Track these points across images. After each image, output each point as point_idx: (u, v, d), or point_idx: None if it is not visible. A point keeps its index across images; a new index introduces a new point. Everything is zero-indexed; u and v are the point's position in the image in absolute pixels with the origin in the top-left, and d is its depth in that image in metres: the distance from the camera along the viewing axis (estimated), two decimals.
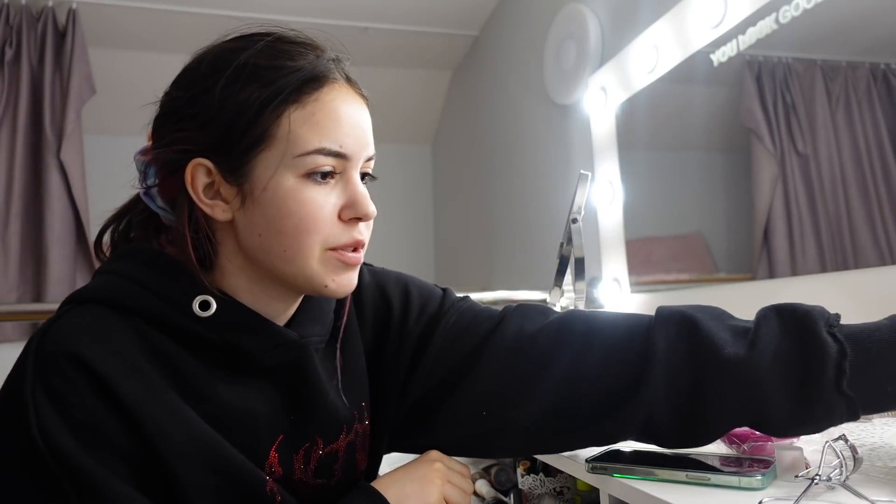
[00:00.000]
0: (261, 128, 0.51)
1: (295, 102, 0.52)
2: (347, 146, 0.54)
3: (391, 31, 2.83)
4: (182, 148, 0.53)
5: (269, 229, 0.53)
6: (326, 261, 0.54)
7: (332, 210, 0.54)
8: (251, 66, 0.53)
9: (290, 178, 0.52)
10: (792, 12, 1.17)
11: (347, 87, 0.56)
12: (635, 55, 1.64)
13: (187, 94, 0.54)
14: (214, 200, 0.54)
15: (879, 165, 1.06)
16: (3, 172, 2.32)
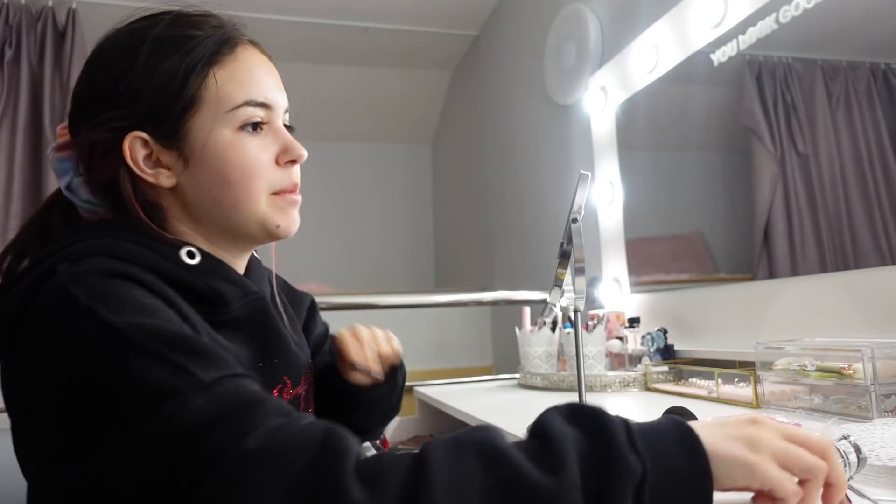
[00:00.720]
0: (190, 91, 0.55)
1: (216, 64, 0.57)
2: (270, 98, 0.59)
3: (391, 31, 2.83)
4: (114, 126, 0.55)
5: (218, 182, 0.57)
6: (273, 203, 0.60)
7: (270, 157, 0.59)
8: (166, 38, 0.56)
9: (226, 132, 0.56)
10: (792, 12, 1.17)
11: (255, 48, 0.61)
12: (635, 55, 1.64)
13: (108, 76, 0.56)
14: (156, 169, 0.56)
15: (880, 165, 1.06)
16: (2, 172, 2.32)
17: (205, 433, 0.38)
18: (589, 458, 0.38)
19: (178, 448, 0.38)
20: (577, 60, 1.97)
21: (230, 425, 0.39)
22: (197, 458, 0.38)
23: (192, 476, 0.38)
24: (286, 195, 0.60)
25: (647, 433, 0.40)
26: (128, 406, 0.40)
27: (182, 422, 0.39)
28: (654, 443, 0.40)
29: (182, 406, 0.40)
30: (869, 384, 0.85)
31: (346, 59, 3.06)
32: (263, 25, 2.96)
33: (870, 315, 1.03)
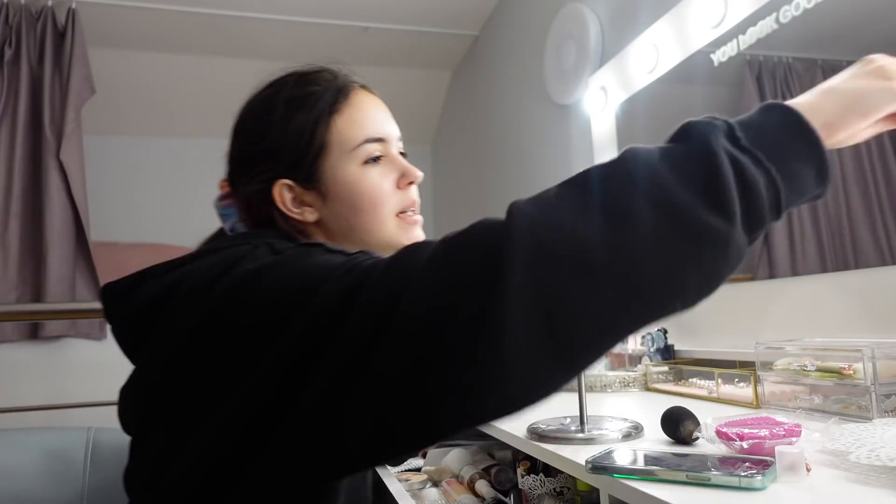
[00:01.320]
0: (318, 140, 0.65)
1: (335, 112, 0.67)
2: (383, 132, 0.69)
3: (391, 31, 2.83)
4: (264, 178, 0.66)
5: (351, 211, 0.67)
6: (399, 224, 0.69)
7: (391, 182, 0.68)
8: (292, 99, 0.67)
9: (352, 167, 0.66)
10: (792, 12, 1.17)
11: (364, 90, 0.71)
12: (635, 55, 1.64)
13: (251, 139, 0.68)
14: (302, 208, 0.67)
15: (880, 165, 1.06)
16: (2, 172, 2.32)
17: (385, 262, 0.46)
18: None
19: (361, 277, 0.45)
20: (577, 60, 1.97)
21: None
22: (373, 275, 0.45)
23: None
24: (409, 215, 0.70)
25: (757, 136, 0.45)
26: (328, 268, 0.47)
27: (369, 261, 0.47)
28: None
29: (366, 258, 0.48)
30: (869, 384, 0.85)
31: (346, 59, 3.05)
32: (263, 25, 2.97)
33: (870, 315, 1.03)
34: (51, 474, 0.79)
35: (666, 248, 0.40)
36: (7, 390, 2.19)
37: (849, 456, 0.63)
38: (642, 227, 0.40)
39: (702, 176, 0.42)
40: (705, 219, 0.40)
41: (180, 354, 0.52)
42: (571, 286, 0.39)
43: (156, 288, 0.57)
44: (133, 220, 3.20)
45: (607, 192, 0.42)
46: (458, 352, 0.39)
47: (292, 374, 0.44)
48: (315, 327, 0.44)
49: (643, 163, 0.43)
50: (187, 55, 2.92)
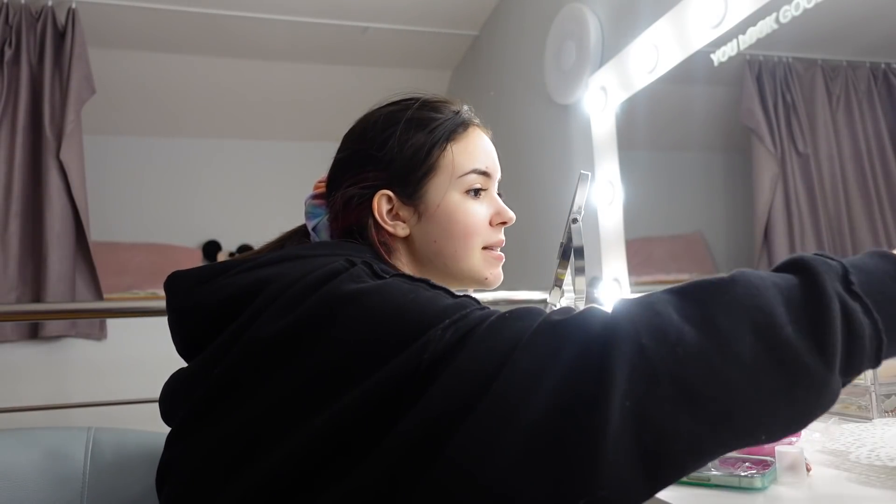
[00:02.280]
0: (431, 161, 0.68)
1: (452, 140, 0.70)
2: (490, 168, 0.72)
3: (391, 31, 2.83)
4: (369, 184, 0.68)
5: (444, 236, 0.69)
6: (484, 258, 0.71)
7: (486, 217, 0.71)
8: (415, 119, 0.70)
9: (456, 195, 0.69)
10: (792, 12, 1.17)
11: (482, 129, 0.74)
12: (635, 55, 1.64)
13: (370, 146, 0.69)
14: (395, 221, 0.69)
15: (880, 165, 1.06)
16: (2, 172, 2.31)
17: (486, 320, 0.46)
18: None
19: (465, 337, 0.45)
20: (577, 60, 1.97)
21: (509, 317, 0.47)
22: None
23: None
24: (494, 251, 0.72)
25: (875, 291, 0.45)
26: (432, 314, 0.48)
27: (475, 317, 0.47)
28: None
29: (469, 313, 0.48)
30: (869, 384, 0.85)
31: (346, 59, 3.05)
32: (263, 25, 2.96)
33: None
34: (51, 474, 0.79)
35: (764, 381, 0.40)
36: (7, 390, 2.19)
37: (849, 456, 0.63)
38: (744, 357, 0.40)
39: (811, 316, 0.42)
40: (806, 360, 0.41)
41: (259, 356, 0.52)
42: (667, 408, 0.39)
43: (242, 282, 0.57)
44: (133, 220, 3.20)
45: (715, 314, 0.42)
46: (550, 448, 0.40)
47: (378, 415, 0.45)
48: (415, 372, 0.45)
49: (754, 289, 0.43)
50: (187, 55, 2.92)
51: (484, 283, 0.73)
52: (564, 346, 0.43)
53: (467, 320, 0.47)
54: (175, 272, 0.62)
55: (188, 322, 0.60)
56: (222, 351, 0.54)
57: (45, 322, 2.29)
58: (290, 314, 0.51)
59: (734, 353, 0.40)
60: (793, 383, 0.40)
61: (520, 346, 0.43)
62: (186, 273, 0.61)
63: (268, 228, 0.79)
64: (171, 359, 0.64)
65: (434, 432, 0.42)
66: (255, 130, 3.46)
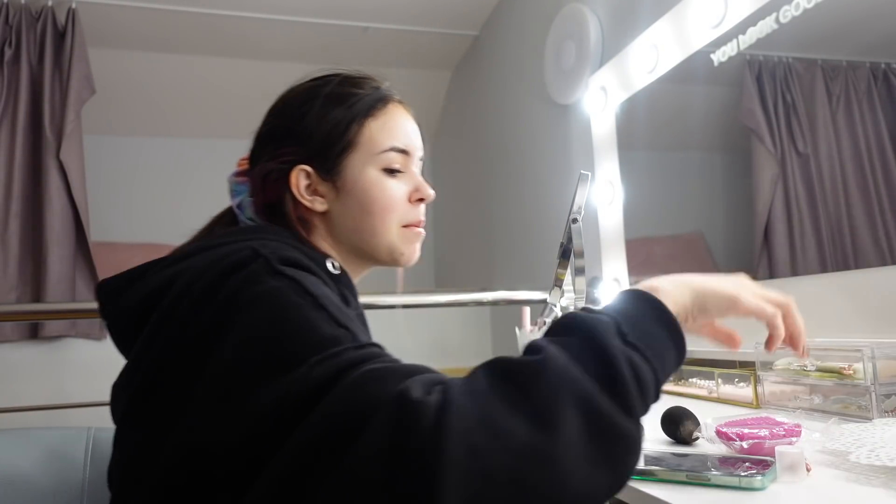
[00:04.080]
0: (349, 136, 0.69)
1: (371, 116, 0.70)
2: (409, 145, 0.72)
3: (391, 31, 2.83)
4: (287, 159, 0.68)
5: (361, 212, 0.69)
6: (402, 235, 0.72)
7: (404, 195, 0.71)
8: (335, 94, 0.70)
9: (373, 171, 0.69)
10: (792, 12, 1.17)
11: (402, 106, 0.74)
12: (635, 55, 1.64)
13: (286, 121, 0.71)
14: (314, 196, 0.69)
15: (880, 165, 1.06)
16: (2, 172, 2.32)
17: (356, 368, 0.45)
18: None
19: (328, 382, 0.44)
20: (577, 60, 1.97)
21: (377, 363, 0.46)
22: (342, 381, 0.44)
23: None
24: (413, 228, 0.72)
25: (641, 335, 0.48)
26: (300, 345, 0.47)
27: (336, 364, 0.45)
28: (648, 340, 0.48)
29: (340, 353, 0.46)
30: (869, 384, 0.85)
31: (346, 59, 3.05)
32: (263, 25, 2.96)
33: (870, 315, 1.03)
34: (51, 474, 0.79)
35: (591, 454, 0.40)
36: (7, 390, 2.19)
37: (849, 456, 0.63)
38: (572, 438, 0.40)
39: (609, 381, 0.43)
40: (622, 425, 0.42)
41: (164, 355, 0.53)
42: (499, 497, 0.38)
43: (154, 283, 0.58)
44: (133, 220, 3.20)
45: (538, 398, 0.41)
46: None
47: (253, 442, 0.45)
48: (276, 411, 0.44)
49: (563, 367, 0.43)
50: (187, 55, 2.92)
51: (400, 260, 0.73)
52: (402, 445, 0.39)
53: (332, 363, 0.45)
54: (100, 282, 0.63)
55: (116, 330, 0.62)
56: (141, 355, 0.56)
57: (45, 322, 2.29)
58: (196, 318, 0.52)
59: (564, 437, 0.40)
60: (615, 451, 0.42)
61: (370, 423, 0.40)
62: (111, 281, 0.62)
63: None
64: None
65: (294, 479, 0.41)
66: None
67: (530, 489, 0.38)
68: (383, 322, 2.65)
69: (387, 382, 0.43)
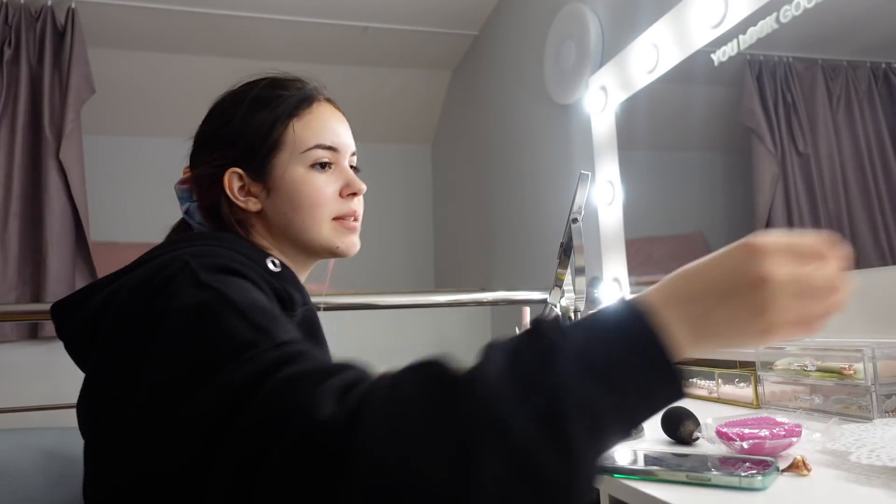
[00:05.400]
0: (274, 137, 0.71)
1: (295, 116, 0.72)
2: (336, 142, 0.74)
3: (391, 31, 2.83)
4: (218, 163, 0.71)
5: (292, 208, 0.71)
6: (334, 228, 0.73)
7: (334, 190, 0.73)
8: (260, 97, 0.72)
9: (300, 169, 0.71)
10: (793, 12, 1.17)
11: (329, 104, 0.76)
12: (635, 55, 1.64)
13: (216, 126, 0.73)
14: (248, 197, 0.72)
15: (880, 165, 1.06)
16: (2, 172, 2.31)
17: (270, 374, 0.43)
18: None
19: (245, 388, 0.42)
20: (577, 60, 1.97)
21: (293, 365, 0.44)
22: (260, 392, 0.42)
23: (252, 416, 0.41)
24: (345, 221, 0.74)
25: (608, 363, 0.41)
26: (217, 353, 0.46)
27: (252, 368, 0.44)
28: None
29: (256, 356, 0.45)
30: (869, 384, 0.85)
31: (346, 59, 3.05)
32: (263, 25, 2.96)
33: (870, 315, 1.02)
34: (51, 474, 0.79)
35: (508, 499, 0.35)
36: (7, 390, 2.19)
37: (849, 456, 0.63)
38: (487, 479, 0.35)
39: (548, 413, 0.37)
40: (549, 467, 0.36)
41: (103, 375, 0.55)
42: None
43: (98, 300, 0.59)
44: (133, 220, 3.19)
45: (457, 426, 0.36)
46: None
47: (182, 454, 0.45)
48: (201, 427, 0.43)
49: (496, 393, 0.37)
50: (187, 55, 2.92)
51: (337, 252, 0.75)
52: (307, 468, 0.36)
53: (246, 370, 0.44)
54: (53, 304, 0.64)
55: (71, 350, 0.64)
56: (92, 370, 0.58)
57: (45, 322, 2.28)
58: (125, 340, 0.53)
59: (480, 485, 0.35)
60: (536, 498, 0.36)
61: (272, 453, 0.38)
62: (61, 303, 0.64)
63: None
64: None
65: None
66: None
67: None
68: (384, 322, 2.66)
69: (301, 390, 0.40)
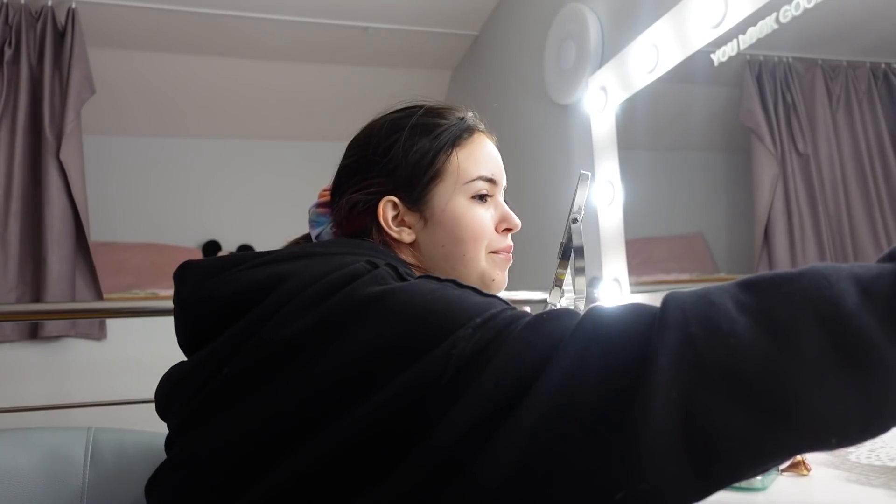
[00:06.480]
0: (436, 166, 0.69)
1: (458, 146, 0.70)
2: (496, 174, 0.72)
3: (391, 31, 2.83)
4: (375, 190, 0.69)
5: (451, 240, 0.69)
6: (491, 261, 0.72)
7: (492, 223, 0.72)
8: (420, 125, 0.70)
9: (462, 200, 0.69)
10: (792, 12, 1.17)
11: (488, 134, 0.75)
12: (635, 55, 1.64)
13: (375, 152, 0.70)
14: (401, 227, 0.69)
15: (880, 165, 1.06)
16: (2, 172, 2.31)
17: (519, 321, 0.44)
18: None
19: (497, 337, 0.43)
20: (577, 60, 1.97)
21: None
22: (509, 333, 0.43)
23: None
24: (502, 254, 0.73)
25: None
26: (461, 312, 0.46)
27: (507, 316, 0.45)
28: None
29: (498, 312, 0.46)
30: None
31: (346, 59, 3.05)
32: (264, 25, 2.96)
33: None
34: (51, 474, 0.79)
35: (829, 377, 0.36)
36: (7, 390, 2.19)
37: (849, 456, 0.63)
38: (805, 350, 0.36)
39: (888, 300, 0.37)
40: (881, 351, 0.35)
41: (274, 358, 0.49)
42: (717, 401, 0.36)
43: (256, 276, 0.54)
44: (133, 220, 3.20)
45: (775, 305, 0.38)
46: (593, 441, 0.37)
47: (403, 422, 0.43)
48: (442, 374, 0.43)
49: (823, 279, 0.38)
50: (187, 55, 2.92)
51: (491, 286, 0.72)
52: (609, 339, 0.40)
53: (497, 320, 0.45)
54: (187, 261, 0.60)
55: (195, 314, 0.57)
56: (232, 348, 0.52)
57: (45, 322, 2.29)
58: (308, 315, 0.49)
59: (794, 345, 0.36)
60: (864, 378, 0.35)
61: (561, 346, 0.41)
62: (198, 263, 0.59)
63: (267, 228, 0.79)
64: (171, 359, 0.63)
65: (470, 440, 0.40)
66: (254, 130, 3.46)
67: (749, 390, 0.35)
68: None
69: (562, 320, 0.43)
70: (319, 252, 0.58)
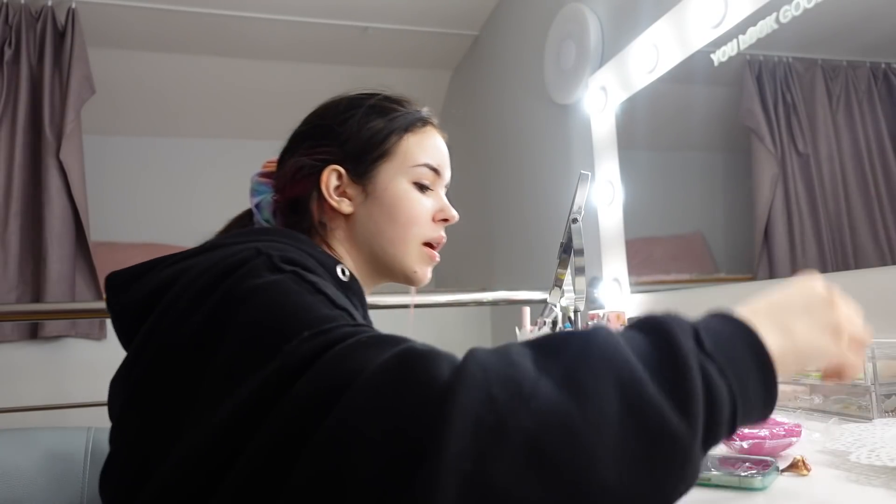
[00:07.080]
0: (387, 146, 0.71)
1: (410, 132, 0.73)
2: (441, 166, 0.76)
3: (391, 31, 2.83)
4: (322, 157, 0.70)
5: (386, 219, 0.71)
6: (420, 253, 0.73)
7: (430, 211, 0.74)
8: (378, 106, 0.73)
9: (404, 182, 0.72)
10: (792, 12, 1.17)
11: (440, 131, 0.78)
12: (635, 55, 1.64)
13: (331, 122, 0.72)
14: (342, 198, 0.71)
15: (880, 165, 1.06)
16: (2, 172, 2.32)
17: (347, 339, 0.43)
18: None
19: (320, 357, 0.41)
20: (577, 60, 1.97)
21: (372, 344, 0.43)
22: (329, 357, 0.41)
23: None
24: (430, 250, 0.74)
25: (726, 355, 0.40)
26: (296, 325, 0.45)
27: (332, 337, 0.43)
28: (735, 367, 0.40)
29: (334, 328, 0.45)
30: (869, 384, 0.85)
31: (346, 59, 3.05)
32: (263, 25, 2.96)
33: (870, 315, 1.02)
34: (51, 474, 0.79)
35: (626, 446, 0.34)
36: (7, 390, 2.19)
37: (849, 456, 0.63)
38: (606, 417, 0.34)
39: (670, 374, 0.37)
40: (671, 423, 0.35)
41: (168, 359, 0.51)
42: (515, 474, 0.32)
43: (160, 278, 0.57)
44: (133, 220, 3.20)
45: (575, 368, 0.36)
46: (375, 484, 0.33)
47: (239, 429, 0.41)
48: (270, 385, 0.41)
49: (614, 342, 0.38)
50: (187, 55, 2.92)
51: (412, 278, 0.74)
52: (406, 388, 0.36)
53: (327, 337, 0.43)
54: (112, 272, 0.62)
55: (122, 319, 0.60)
56: (139, 351, 0.54)
57: (45, 322, 2.29)
58: (195, 314, 0.50)
59: (595, 411, 0.34)
60: (657, 451, 0.35)
61: (360, 380, 0.37)
62: (123, 271, 0.62)
63: None
64: None
65: (275, 459, 0.37)
66: (254, 130, 3.46)
67: (549, 462, 0.33)
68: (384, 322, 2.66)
69: (385, 347, 0.40)
70: (220, 243, 0.59)
